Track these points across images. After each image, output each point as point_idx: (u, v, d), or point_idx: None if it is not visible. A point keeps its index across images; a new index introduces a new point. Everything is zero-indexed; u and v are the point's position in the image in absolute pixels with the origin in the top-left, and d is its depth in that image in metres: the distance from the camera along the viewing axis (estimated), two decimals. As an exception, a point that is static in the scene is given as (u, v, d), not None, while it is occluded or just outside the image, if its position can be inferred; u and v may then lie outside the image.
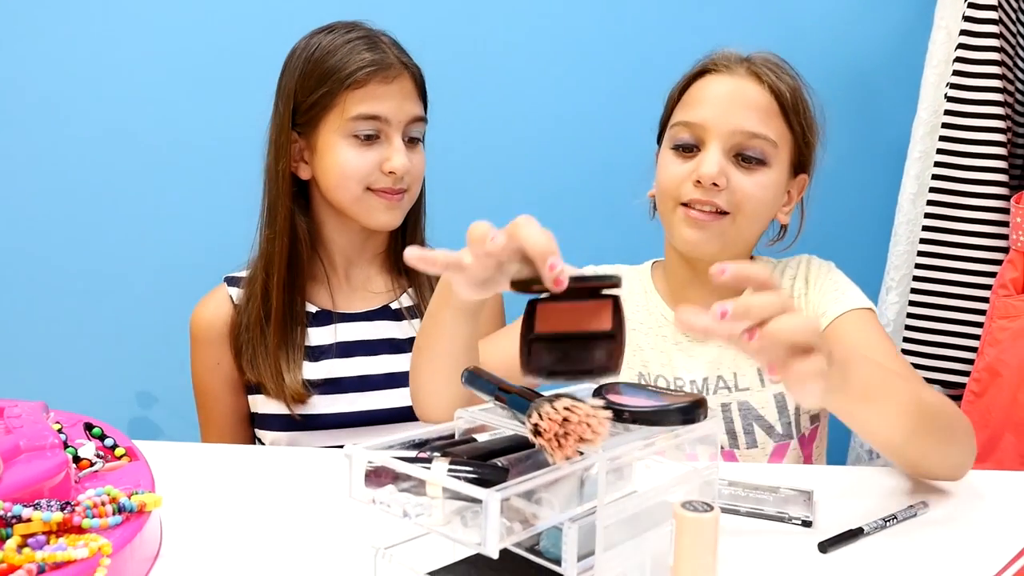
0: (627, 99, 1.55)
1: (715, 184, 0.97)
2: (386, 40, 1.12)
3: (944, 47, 1.37)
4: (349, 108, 1.07)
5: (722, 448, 1.04)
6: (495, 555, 0.47)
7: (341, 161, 1.08)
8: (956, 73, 1.29)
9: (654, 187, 1.10)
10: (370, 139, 1.09)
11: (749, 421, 1.03)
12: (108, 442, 0.79)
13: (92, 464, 0.73)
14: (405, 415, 1.12)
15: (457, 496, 0.49)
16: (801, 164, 1.06)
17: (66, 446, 0.73)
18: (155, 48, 1.59)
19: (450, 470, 0.52)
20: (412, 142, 1.13)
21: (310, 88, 1.08)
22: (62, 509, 0.60)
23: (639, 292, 1.12)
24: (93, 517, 0.60)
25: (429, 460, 0.53)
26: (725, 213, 0.99)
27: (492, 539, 0.46)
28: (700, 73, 1.04)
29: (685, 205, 1.00)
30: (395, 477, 0.54)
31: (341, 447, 0.73)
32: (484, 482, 0.51)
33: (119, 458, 0.77)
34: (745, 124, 0.98)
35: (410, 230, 1.20)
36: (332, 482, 0.85)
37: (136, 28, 1.59)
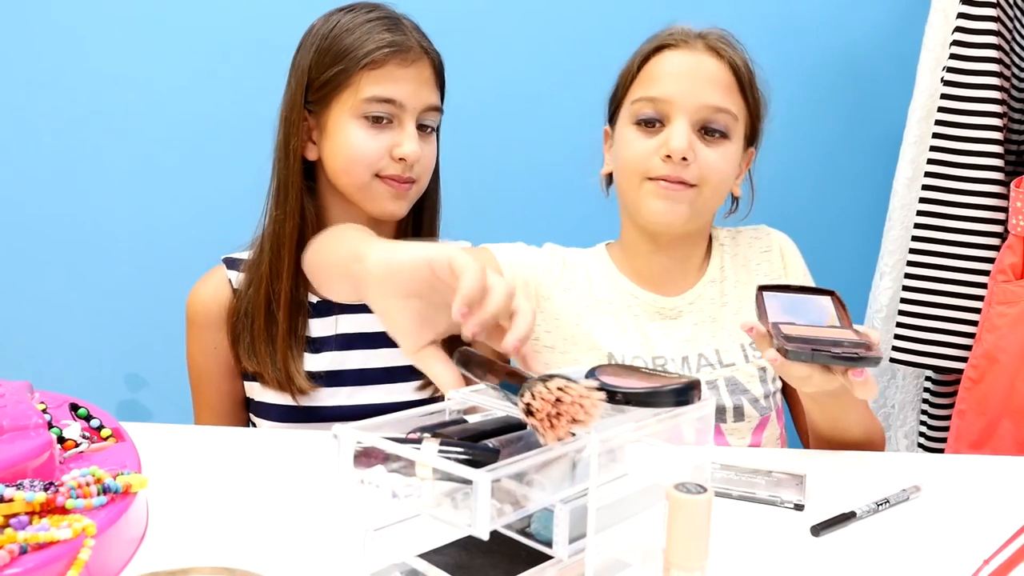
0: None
1: (684, 158, 0.99)
2: (408, 23, 1.09)
3: (941, 31, 1.36)
4: (363, 89, 1.04)
5: None
6: (485, 536, 0.46)
7: (350, 143, 1.05)
8: (953, 57, 1.28)
9: (610, 165, 1.12)
10: (382, 123, 1.05)
11: (738, 396, 1.04)
12: (94, 423, 0.78)
13: (77, 445, 0.72)
14: (405, 410, 1.10)
15: (447, 477, 0.48)
16: (751, 137, 1.09)
17: (51, 426, 0.72)
18: (155, 24, 1.57)
19: (440, 451, 0.51)
20: (425, 131, 1.09)
21: (325, 65, 1.05)
22: (45, 489, 0.60)
23: (602, 275, 1.12)
24: (77, 498, 0.59)
25: (419, 441, 0.52)
26: (692, 186, 1.01)
27: (482, 520, 0.45)
28: (656, 49, 1.05)
29: (651, 179, 1.02)
30: (385, 458, 0.53)
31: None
32: (474, 463, 0.50)
33: (105, 439, 0.76)
34: (710, 99, 1.01)
35: (426, 226, 1.16)
36: (323, 464, 0.84)
37: (141, 3, 1.56)
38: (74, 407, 0.79)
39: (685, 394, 0.61)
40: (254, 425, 1.16)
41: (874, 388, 0.82)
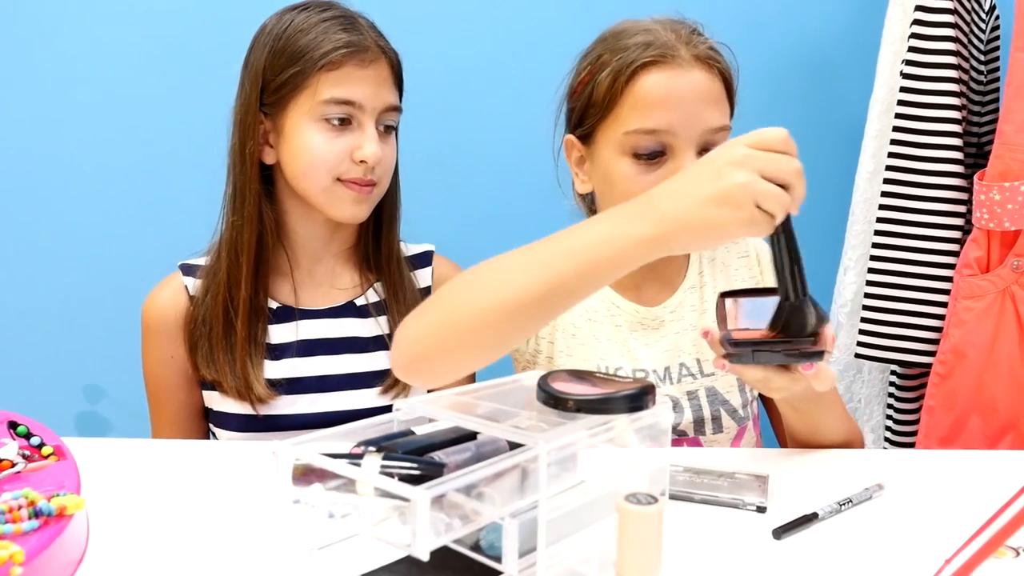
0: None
1: None
2: (364, 22, 1.06)
3: (900, 24, 1.36)
4: (321, 91, 1.01)
5: (687, 436, 1.02)
6: (425, 557, 0.44)
7: (310, 147, 1.02)
8: (911, 50, 1.28)
9: (587, 184, 1.03)
10: (342, 125, 1.03)
11: (716, 407, 1.02)
12: (34, 440, 0.75)
13: (14, 465, 0.69)
14: (366, 417, 1.07)
15: (386, 494, 0.46)
16: None
17: (-16, 446, 0.69)
18: (105, 25, 1.53)
19: (383, 466, 0.49)
20: (385, 132, 1.07)
21: (280, 67, 1.02)
22: (-27, 515, 0.57)
23: None
24: (6, 523, 0.57)
25: (361, 456, 0.50)
26: None
27: (422, 540, 0.43)
28: (642, 67, 0.94)
29: None
30: (330, 475, 0.51)
31: None
32: (418, 479, 0.48)
33: (46, 457, 0.73)
34: (712, 121, 0.94)
35: (385, 227, 1.14)
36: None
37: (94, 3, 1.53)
38: (13, 424, 0.76)
39: (639, 400, 0.59)
40: (214, 435, 1.14)
41: (828, 378, 0.80)
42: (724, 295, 0.88)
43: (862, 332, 1.32)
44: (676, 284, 1.07)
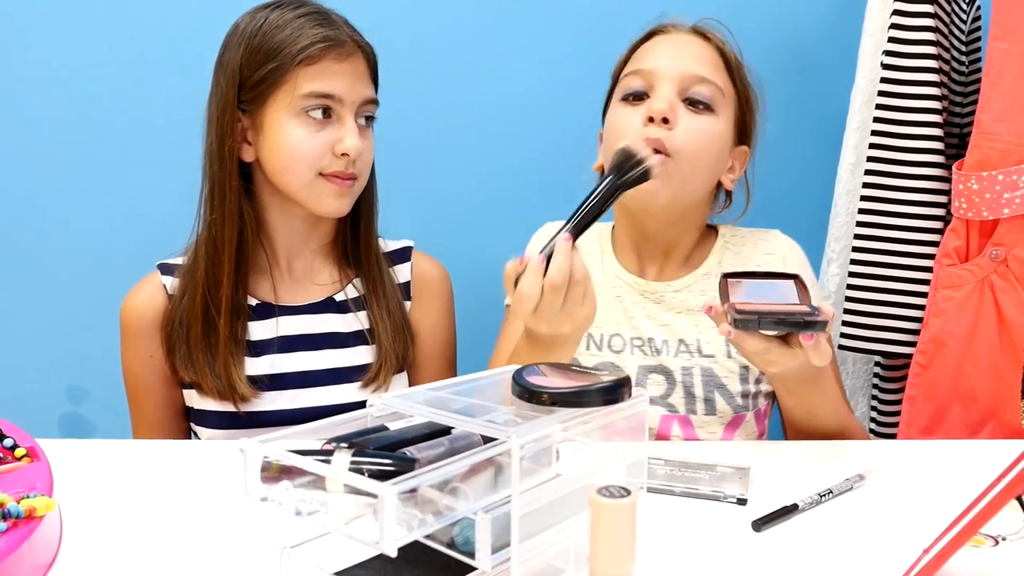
0: (574, 74, 1.51)
1: (665, 120, 0.97)
2: (338, 18, 1.07)
3: (880, 15, 1.35)
4: (300, 85, 1.01)
5: (678, 412, 1.03)
6: (393, 553, 0.43)
7: (291, 142, 1.02)
8: (891, 40, 1.28)
9: (602, 151, 1.10)
10: (322, 119, 1.03)
11: (711, 388, 1.03)
12: (7, 442, 0.74)
13: (-15, 467, 0.69)
14: (348, 412, 1.07)
15: (355, 491, 0.46)
16: (743, 132, 1.08)
17: (-46, 449, 0.68)
18: (80, 22, 1.52)
19: (353, 462, 0.49)
20: (365, 124, 1.08)
21: (257, 63, 1.02)
22: (-60, 518, 0.56)
23: (596, 252, 1.13)
24: (-26, 525, 0.56)
25: (331, 452, 0.50)
26: (669, 156, 0.97)
27: (389, 537, 0.43)
28: (647, 36, 1.07)
29: None
30: (300, 472, 0.50)
31: None
32: (389, 474, 0.48)
33: (19, 459, 0.72)
34: (695, 69, 1.01)
35: (363, 222, 1.14)
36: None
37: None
38: (-15, 427, 0.75)
39: (614, 392, 0.59)
40: (195, 434, 1.13)
41: (826, 352, 0.81)
42: (726, 275, 0.90)
43: (845, 324, 1.32)
44: (690, 268, 1.10)
